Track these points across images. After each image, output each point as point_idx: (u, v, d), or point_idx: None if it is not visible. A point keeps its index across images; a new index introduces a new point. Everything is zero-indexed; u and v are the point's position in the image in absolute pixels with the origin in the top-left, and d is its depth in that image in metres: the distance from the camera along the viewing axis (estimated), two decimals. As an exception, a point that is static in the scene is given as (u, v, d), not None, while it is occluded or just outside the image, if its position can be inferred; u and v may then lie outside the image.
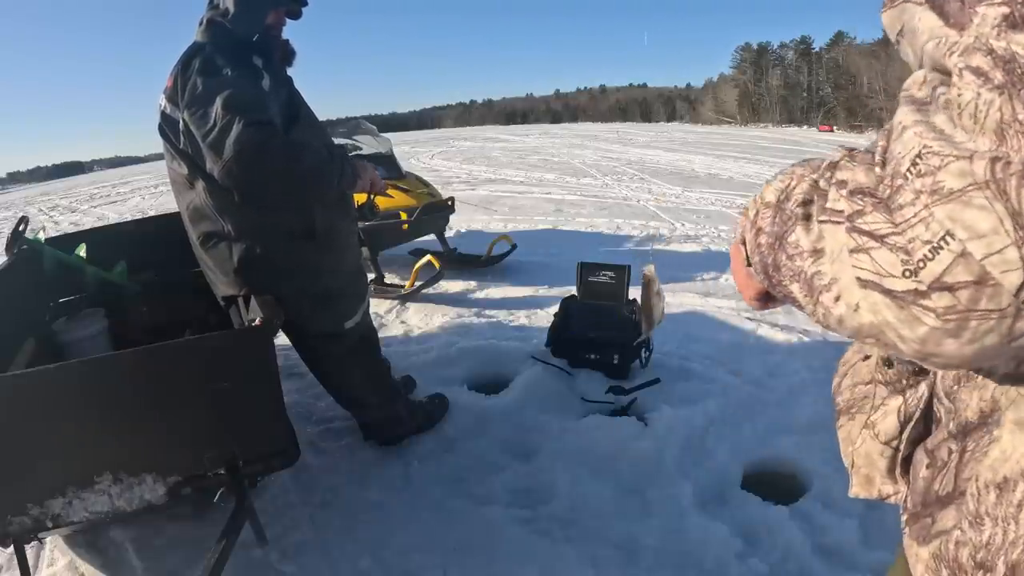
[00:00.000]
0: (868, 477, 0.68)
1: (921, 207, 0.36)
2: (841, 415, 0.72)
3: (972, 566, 0.50)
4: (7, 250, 2.16)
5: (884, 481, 0.67)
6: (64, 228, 7.77)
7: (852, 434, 0.69)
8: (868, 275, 0.40)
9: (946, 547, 0.54)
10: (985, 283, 0.35)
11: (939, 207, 0.35)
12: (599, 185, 8.84)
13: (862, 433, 0.67)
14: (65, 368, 1.34)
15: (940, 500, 0.56)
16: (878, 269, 0.39)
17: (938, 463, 0.58)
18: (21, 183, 51.66)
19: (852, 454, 0.69)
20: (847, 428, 0.71)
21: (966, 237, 0.35)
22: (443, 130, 57.79)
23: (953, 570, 0.53)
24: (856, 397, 0.69)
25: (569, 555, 1.60)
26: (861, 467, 0.68)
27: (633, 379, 2.46)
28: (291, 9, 1.75)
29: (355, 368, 1.93)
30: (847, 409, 0.71)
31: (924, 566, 0.57)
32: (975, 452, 0.52)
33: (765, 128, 42.56)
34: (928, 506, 0.58)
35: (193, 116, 1.49)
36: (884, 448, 0.65)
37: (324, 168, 1.62)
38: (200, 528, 1.68)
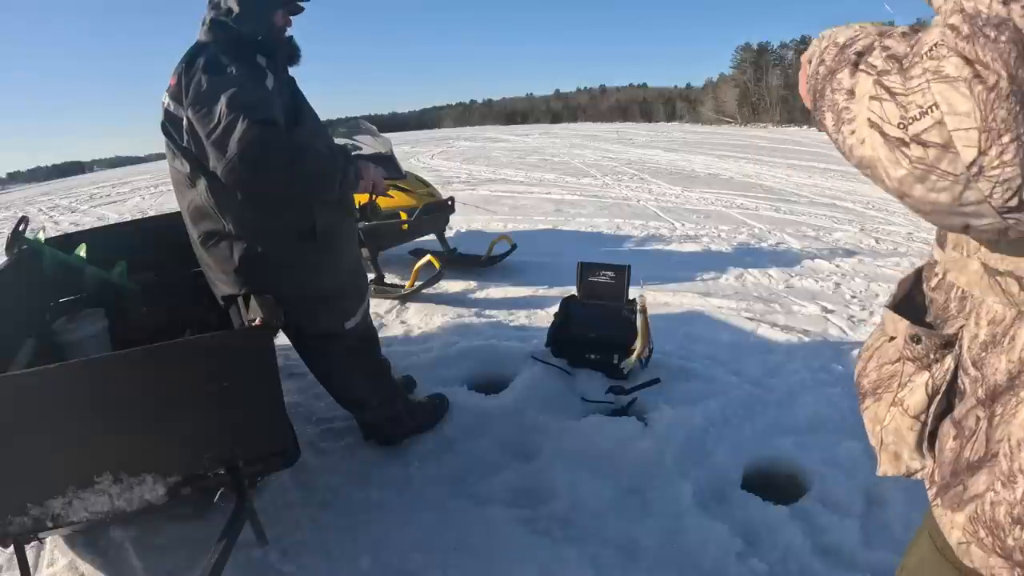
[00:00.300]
0: (896, 454, 0.71)
1: (924, 81, 0.47)
2: (866, 397, 0.75)
3: (1009, 523, 0.55)
4: (7, 250, 2.16)
5: (912, 456, 0.69)
6: (64, 228, 7.77)
7: (879, 414, 0.72)
8: (875, 118, 0.52)
9: (982, 509, 0.58)
10: (948, 148, 0.47)
11: (936, 84, 0.46)
12: (599, 185, 8.84)
13: (890, 411, 0.70)
14: (65, 368, 1.34)
15: (971, 467, 0.61)
16: (883, 116, 0.51)
17: (966, 432, 0.62)
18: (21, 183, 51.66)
19: (880, 432, 0.72)
20: (873, 409, 0.74)
21: (947, 111, 0.46)
22: (443, 130, 57.76)
23: (991, 529, 0.57)
24: (883, 377, 0.72)
25: (569, 555, 1.60)
26: (889, 444, 0.71)
27: (633, 379, 2.46)
28: (293, 8, 1.75)
29: (355, 368, 1.93)
30: (873, 390, 0.74)
31: (961, 531, 0.61)
32: (1004, 415, 0.57)
33: (765, 128, 42.53)
34: (958, 475, 0.63)
35: (197, 114, 1.49)
36: (913, 422, 0.68)
37: (327, 169, 1.62)
38: (200, 528, 1.68)
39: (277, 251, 1.67)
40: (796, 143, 18.30)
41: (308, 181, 1.59)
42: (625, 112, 79.61)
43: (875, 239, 5.29)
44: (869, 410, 0.75)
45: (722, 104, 57.81)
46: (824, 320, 3.30)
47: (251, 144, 1.43)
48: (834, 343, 2.97)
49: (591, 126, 45.50)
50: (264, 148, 1.46)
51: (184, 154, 1.61)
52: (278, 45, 1.71)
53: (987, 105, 0.44)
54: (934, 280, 0.72)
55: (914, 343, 0.67)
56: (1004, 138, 0.44)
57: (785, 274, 4.17)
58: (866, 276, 4.15)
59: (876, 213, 6.50)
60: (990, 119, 0.44)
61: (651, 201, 7.31)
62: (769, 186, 8.66)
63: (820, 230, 5.64)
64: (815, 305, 3.50)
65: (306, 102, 1.79)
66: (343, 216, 1.82)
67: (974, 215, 0.49)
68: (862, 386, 0.76)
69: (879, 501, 1.79)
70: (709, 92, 62.60)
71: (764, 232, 5.54)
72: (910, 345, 0.68)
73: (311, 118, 1.79)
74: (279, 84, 1.66)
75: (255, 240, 1.64)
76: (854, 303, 3.59)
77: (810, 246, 5.01)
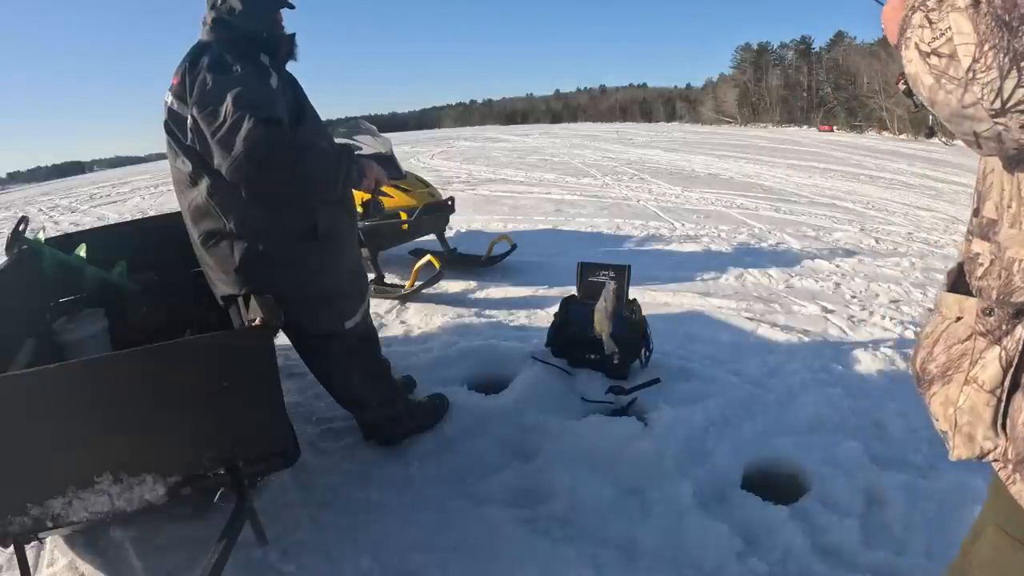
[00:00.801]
0: (970, 435, 0.72)
1: (945, 12, 0.62)
2: (934, 383, 0.77)
3: None
4: (7, 250, 2.16)
5: (986, 435, 0.71)
6: (64, 228, 7.77)
7: (951, 395, 0.74)
8: (917, 40, 0.65)
9: None
10: (954, 58, 0.61)
11: (951, 13, 0.61)
12: (599, 185, 8.84)
13: (963, 389, 0.72)
14: (65, 368, 1.34)
15: None
16: (921, 38, 0.65)
17: None
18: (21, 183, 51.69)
19: (955, 414, 0.73)
20: (943, 392, 0.75)
21: (955, 31, 0.61)
22: (443, 130, 57.78)
23: None
24: (952, 358, 0.75)
25: (569, 555, 1.60)
26: (964, 425, 0.72)
27: (633, 379, 2.46)
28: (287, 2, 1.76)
29: (355, 368, 1.93)
30: (943, 374, 0.76)
31: None
32: None
33: (765, 128, 42.53)
34: None
35: (203, 112, 1.49)
36: (989, 397, 0.69)
37: (330, 168, 1.62)
38: (200, 528, 1.68)
39: (278, 251, 1.67)
40: (796, 143, 18.31)
41: (312, 180, 1.59)
42: (625, 112, 79.59)
43: (875, 239, 5.29)
44: (938, 395, 0.76)
45: (722, 104, 57.78)
46: (824, 320, 3.30)
47: (257, 142, 1.44)
48: (834, 343, 2.97)
49: (591, 126, 45.50)
50: (269, 147, 1.46)
51: (187, 153, 1.61)
52: (280, 43, 1.72)
53: (978, 24, 0.59)
54: (980, 270, 0.75)
55: (986, 315, 0.70)
56: (986, 46, 0.58)
57: (785, 274, 4.17)
58: (866, 276, 4.15)
59: (876, 213, 6.51)
60: (982, 33, 0.58)
61: (651, 201, 7.31)
62: (769, 186, 8.66)
63: (820, 230, 5.64)
64: (815, 305, 3.50)
65: (308, 101, 1.80)
66: (344, 216, 1.82)
67: (974, 118, 0.62)
68: (928, 372, 0.78)
69: (879, 501, 1.79)
70: (709, 92, 62.56)
71: (764, 232, 5.54)
72: (982, 319, 0.71)
73: (313, 117, 1.79)
74: (283, 83, 1.66)
75: (256, 240, 1.64)
76: (854, 303, 3.59)
77: (810, 246, 5.01)
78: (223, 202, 1.61)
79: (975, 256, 0.77)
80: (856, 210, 6.69)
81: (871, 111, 41.51)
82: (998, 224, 0.72)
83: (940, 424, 0.76)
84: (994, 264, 0.73)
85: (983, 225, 0.76)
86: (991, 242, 0.73)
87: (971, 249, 0.78)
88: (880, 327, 3.20)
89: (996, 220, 0.73)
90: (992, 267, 0.73)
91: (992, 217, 0.74)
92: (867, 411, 2.25)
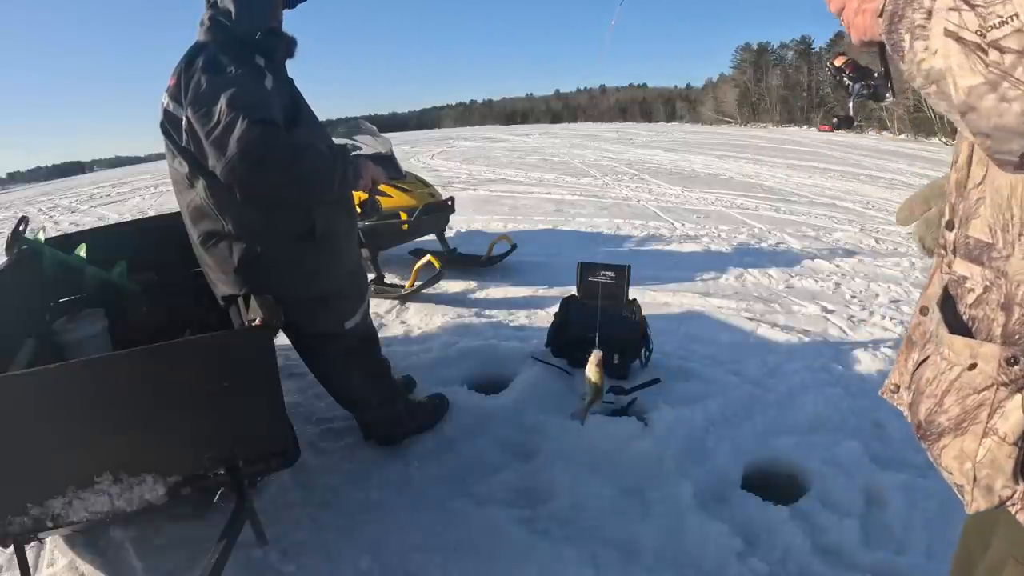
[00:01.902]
0: (989, 488, 0.67)
1: None
2: (944, 435, 0.71)
3: None
4: (7, 250, 2.16)
5: (1005, 485, 0.66)
6: (64, 228, 7.77)
7: (968, 449, 0.68)
8: (952, 27, 0.53)
9: None
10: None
11: None
12: (599, 185, 8.84)
13: (983, 443, 0.67)
14: (65, 368, 1.34)
15: None
16: (960, 23, 0.52)
17: None
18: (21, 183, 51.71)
19: (974, 468, 0.68)
20: (956, 445, 0.70)
21: None
22: (443, 130, 57.74)
23: None
24: (969, 408, 0.68)
25: (569, 555, 1.60)
26: (983, 478, 0.67)
27: (633, 379, 2.46)
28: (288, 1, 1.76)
29: (355, 368, 1.93)
30: (956, 426, 0.70)
31: None
32: None
33: (765, 128, 42.50)
34: None
35: (197, 113, 1.49)
36: (1012, 449, 0.65)
37: (325, 170, 1.62)
38: (200, 528, 1.68)
39: (276, 252, 1.67)
40: (796, 143, 18.31)
41: (306, 181, 1.58)
42: (625, 112, 79.58)
43: (875, 239, 5.29)
44: (950, 448, 0.70)
45: (722, 104, 57.77)
46: (824, 320, 3.30)
47: (251, 144, 1.43)
48: (834, 343, 2.97)
49: (591, 126, 45.49)
50: (264, 148, 1.46)
51: (183, 154, 1.61)
52: (276, 43, 1.71)
53: None
54: (970, 297, 0.70)
55: (1011, 365, 0.64)
56: None
57: (785, 274, 4.17)
58: (866, 276, 4.15)
59: (876, 213, 6.51)
60: None
61: (651, 201, 7.31)
62: (769, 186, 8.66)
63: (820, 230, 5.64)
64: (815, 305, 3.50)
65: (304, 102, 1.79)
66: (343, 216, 1.82)
67: None
68: (937, 424, 0.72)
69: (879, 501, 1.79)
70: (709, 92, 62.55)
71: (764, 232, 5.54)
72: (1006, 369, 0.64)
73: (309, 118, 1.78)
74: (278, 84, 1.66)
75: (255, 240, 1.64)
76: (854, 303, 3.59)
77: (810, 246, 5.01)
78: (220, 203, 1.61)
79: (960, 280, 0.71)
80: (856, 210, 6.69)
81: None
82: (995, 250, 0.66)
83: (954, 478, 0.71)
84: (990, 292, 0.67)
85: (970, 246, 0.69)
86: (985, 267, 0.67)
87: (954, 270, 0.73)
88: (880, 327, 3.20)
89: (991, 244, 0.67)
90: (987, 296, 0.67)
91: (984, 240, 0.68)
92: (867, 411, 2.25)
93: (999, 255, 0.66)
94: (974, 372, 0.67)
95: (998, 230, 0.66)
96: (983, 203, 0.68)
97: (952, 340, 0.70)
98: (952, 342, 0.70)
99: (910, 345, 0.84)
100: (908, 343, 0.84)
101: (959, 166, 0.72)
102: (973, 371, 0.67)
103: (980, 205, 0.68)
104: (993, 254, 0.66)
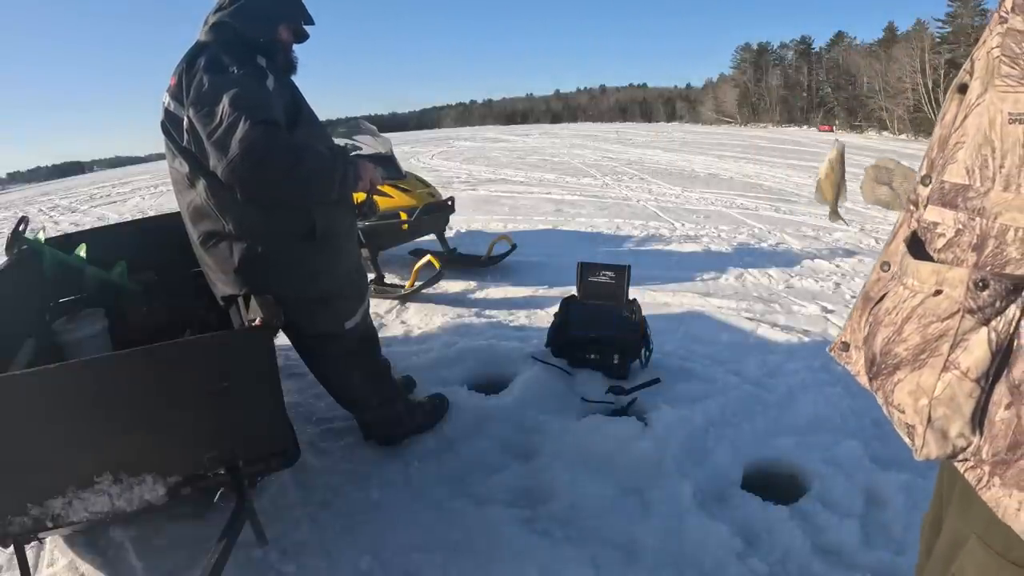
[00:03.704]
0: (943, 431, 0.62)
1: None
2: (899, 368, 0.66)
3: None
4: (7, 250, 2.16)
5: (960, 433, 0.61)
6: (64, 228, 7.77)
7: (924, 383, 0.63)
8: None
9: None
10: None
11: None
12: (599, 185, 8.84)
13: (942, 377, 0.62)
14: (65, 368, 1.34)
15: None
16: None
17: None
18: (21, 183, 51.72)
19: (928, 406, 0.63)
20: (912, 380, 0.65)
21: None
22: (443, 130, 57.76)
23: None
24: (929, 338, 0.64)
25: (569, 555, 1.60)
26: (938, 419, 0.62)
27: (633, 379, 2.46)
28: (298, 30, 1.79)
29: (355, 368, 1.93)
30: (914, 358, 0.65)
31: None
32: None
33: (765, 128, 42.54)
34: (1018, 447, 0.56)
35: (198, 113, 1.49)
36: (973, 387, 0.60)
37: (325, 171, 1.62)
38: (200, 528, 1.68)
39: (277, 251, 1.67)
40: (796, 143, 18.30)
41: (307, 183, 1.58)
42: (625, 112, 79.55)
43: (875, 239, 5.29)
44: (906, 382, 0.66)
45: (722, 104, 57.74)
46: (824, 320, 3.30)
47: (253, 144, 1.43)
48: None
49: (591, 126, 45.49)
50: (266, 149, 1.46)
51: (184, 154, 1.61)
52: (278, 50, 1.73)
53: None
54: (940, 241, 0.67)
55: (979, 289, 0.59)
56: None
57: (785, 274, 4.17)
58: (866, 276, 4.14)
59: (876, 213, 6.50)
60: None
61: (651, 201, 7.31)
62: (769, 186, 8.66)
63: (820, 230, 5.64)
64: (815, 305, 3.50)
65: (305, 102, 1.79)
66: (343, 216, 1.82)
67: None
68: (894, 355, 0.67)
69: (879, 501, 1.79)
70: (709, 92, 62.52)
71: (764, 232, 5.54)
72: (974, 293, 0.60)
73: (310, 119, 1.78)
74: (279, 85, 1.66)
75: (255, 240, 1.64)
76: (854, 303, 3.59)
77: (810, 246, 5.01)
78: (221, 203, 1.61)
79: (931, 226, 0.68)
80: (856, 210, 6.69)
81: (871, 111, 41.52)
82: (971, 190, 0.63)
83: (906, 416, 0.66)
84: (962, 235, 0.64)
85: (944, 190, 0.67)
86: (959, 210, 0.64)
87: (924, 218, 0.70)
88: (880, 327, 3.19)
89: (967, 185, 0.64)
90: (959, 238, 0.64)
91: (960, 182, 0.65)
92: (867, 411, 2.25)
93: (975, 194, 0.63)
94: (939, 298, 0.64)
95: (976, 169, 0.63)
96: (961, 147, 0.65)
97: (918, 266, 0.67)
98: (918, 268, 0.66)
99: (866, 301, 0.79)
100: (864, 299, 0.80)
101: (945, 123, 0.70)
102: (938, 296, 0.64)
103: (958, 149, 0.66)
104: (970, 194, 0.64)
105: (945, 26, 36.88)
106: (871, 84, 41.48)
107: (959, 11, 36.03)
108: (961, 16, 35.80)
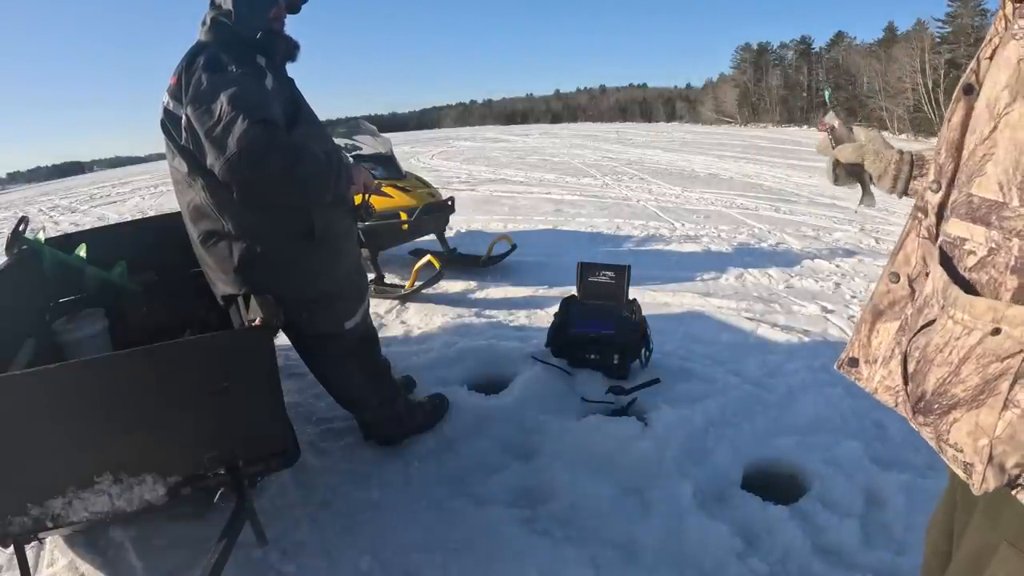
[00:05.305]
0: (1001, 465, 0.62)
1: None
2: (956, 408, 0.65)
3: None
4: (7, 250, 2.16)
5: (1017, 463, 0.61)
6: (64, 228, 7.77)
7: (984, 423, 0.63)
8: None
9: None
10: None
11: None
12: (599, 185, 8.84)
13: (1002, 416, 0.61)
14: (65, 368, 1.34)
15: None
16: None
17: None
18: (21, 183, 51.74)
19: (989, 446, 0.62)
20: (971, 419, 0.64)
21: None
22: (443, 130, 57.74)
23: None
24: (989, 377, 0.62)
25: (569, 555, 1.60)
26: (999, 455, 0.62)
27: (633, 379, 2.46)
28: (291, 2, 1.75)
29: (355, 368, 1.93)
30: (972, 398, 0.64)
31: None
32: None
33: (765, 128, 42.52)
34: None
35: (197, 111, 1.49)
36: None
37: (321, 173, 1.62)
38: (200, 528, 1.68)
39: (275, 252, 1.67)
40: (796, 143, 18.30)
41: (303, 183, 1.58)
42: (625, 112, 79.54)
43: (875, 239, 5.29)
44: (963, 422, 0.64)
45: (722, 104, 57.74)
46: (824, 320, 3.30)
47: (251, 143, 1.43)
48: (834, 343, 2.97)
49: (591, 126, 45.48)
50: (264, 149, 1.45)
51: (183, 153, 1.61)
52: (276, 42, 1.71)
53: None
54: (971, 260, 0.65)
55: None
56: None
57: (785, 274, 4.17)
58: (866, 276, 4.15)
59: (876, 213, 6.50)
60: None
61: (651, 201, 7.31)
62: (769, 186, 8.65)
63: (820, 230, 5.64)
64: (815, 305, 3.50)
65: (304, 102, 1.79)
66: (342, 216, 1.82)
67: None
68: (951, 396, 0.65)
69: (879, 501, 1.79)
70: (709, 92, 62.51)
71: (764, 232, 5.54)
72: None
73: (309, 118, 1.78)
74: (278, 84, 1.66)
75: (254, 240, 1.64)
76: (854, 303, 3.59)
77: (810, 246, 5.01)
78: (220, 202, 1.61)
79: (957, 241, 0.66)
80: (856, 209, 6.69)
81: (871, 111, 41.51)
82: (1007, 209, 0.61)
83: (964, 456, 0.65)
84: (996, 254, 0.62)
85: (974, 205, 0.65)
86: (992, 228, 0.62)
87: (949, 232, 0.68)
88: (880, 327, 3.19)
89: (1003, 203, 0.62)
90: (993, 257, 0.62)
91: (994, 199, 0.63)
92: (867, 411, 2.25)
93: (1013, 214, 0.61)
94: (999, 337, 0.61)
95: (1013, 187, 0.61)
96: (990, 160, 0.63)
97: (972, 302, 0.64)
98: (972, 304, 0.63)
99: (876, 314, 0.78)
100: (874, 312, 0.79)
101: (953, 125, 0.69)
102: (998, 336, 0.61)
103: (987, 162, 0.63)
104: (1005, 213, 0.62)
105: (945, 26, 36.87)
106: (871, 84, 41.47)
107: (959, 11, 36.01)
108: (961, 16, 35.78)
